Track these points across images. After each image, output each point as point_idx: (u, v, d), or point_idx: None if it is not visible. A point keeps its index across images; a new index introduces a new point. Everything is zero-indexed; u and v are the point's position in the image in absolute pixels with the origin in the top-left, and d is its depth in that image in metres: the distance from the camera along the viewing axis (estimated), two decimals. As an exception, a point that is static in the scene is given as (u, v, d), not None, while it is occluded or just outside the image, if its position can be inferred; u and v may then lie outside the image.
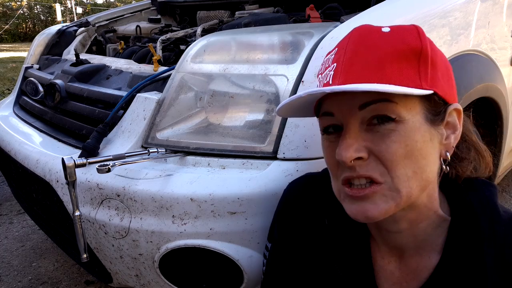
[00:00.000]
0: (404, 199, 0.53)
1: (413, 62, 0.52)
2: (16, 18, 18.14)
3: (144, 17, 2.20)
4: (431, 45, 0.54)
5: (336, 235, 0.67)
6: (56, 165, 1.02)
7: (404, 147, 0.51)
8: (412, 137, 0.52)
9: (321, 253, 0.68)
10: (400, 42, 0.52)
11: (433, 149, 0.54)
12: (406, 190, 0.52)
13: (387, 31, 0.54)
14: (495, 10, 1.28)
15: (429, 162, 0.54)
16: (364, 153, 0.52)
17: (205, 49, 1.02)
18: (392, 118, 0.51)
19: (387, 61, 0.51)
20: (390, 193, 0.52)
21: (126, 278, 1.01)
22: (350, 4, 1.50)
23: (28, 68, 1.67)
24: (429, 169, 0.54)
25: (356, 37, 0.55)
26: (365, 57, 0.53)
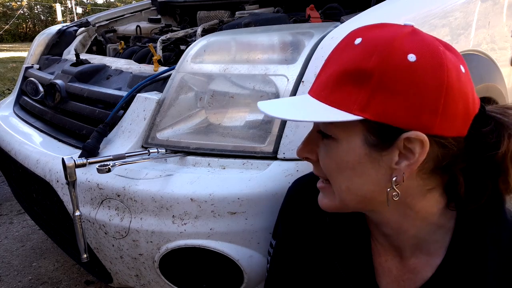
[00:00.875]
0: (341, 204, 0.58)
1: (357, 83, 0.50)
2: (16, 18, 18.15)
3: (144, 17, 2.20)
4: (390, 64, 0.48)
5: (337, 232, 0.68)
6: (56, 165, 1.02)
7: (335, 164, 0.55)
8: (343, 157, 0.54)
9: (322, 250, 0.69)
10: (353, 60, 0.50)
11: (375, 171, 0.53)
12: (341, 197, 0.57)
13: (357, 43, 0.52)
14: (495, 10, 1.28)
15: (367, 182, 0.54)
16: (312, 156, 0.59)
17: (205, 49, 1.02)
18: (328, 136, 0.55)
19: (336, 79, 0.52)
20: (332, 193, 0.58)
21: (126, 278, 1.01)
22: (350, 4, 1.50)
23: (28, 68, 1.67)
24: (367, 189, 0.54)
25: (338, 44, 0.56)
26: (328, 69, 0.54)
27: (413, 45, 0.49)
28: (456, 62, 0.51)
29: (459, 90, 0.51)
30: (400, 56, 0.48)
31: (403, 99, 0.48)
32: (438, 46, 0.50)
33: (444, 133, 0.50)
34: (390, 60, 0.48)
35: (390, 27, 0.53)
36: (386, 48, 0.49)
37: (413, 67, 0.48)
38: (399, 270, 0.63)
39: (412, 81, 0.48)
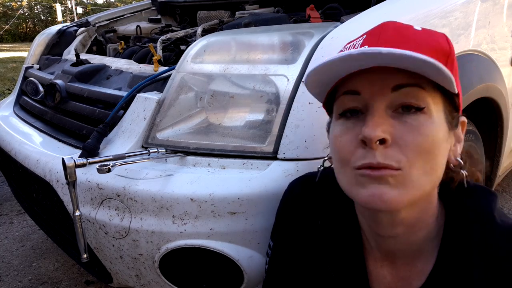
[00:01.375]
0: (417, 192, 0.50)
1: (442, 61, 0.51)
2: (17, 18, 18.15)
3: (144, 17, 2.20)
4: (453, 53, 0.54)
5: (329, 236, 0.67)
6: (56, 165, 1.02)
7: (430, 142, 0.49)
8: (436, 133, 0.50)
9: (315, 254, 0.69)
10: (433, 40, 0.53)
11: (446, 151, 0.54)
12: (420, 183, 0.50)
13: (419, 29, 0.54)
14: (496, 11, 1.28)
15: (443, 162, 0.53)
16: (389, 136, 0.49)
17: (205, 49, 1.02)
18: (420, 108, 0.49)
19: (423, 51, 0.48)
20: (405, 182, 0.49)
21: (126, 278, 1.01)
22: (350, 4, 1.50)
23: (29, 68, 1.67)
24: (441, 170, 0.53)
25: (390, 28, 0.53)
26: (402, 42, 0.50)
27: None
28: None
29: None
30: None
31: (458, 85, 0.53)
32: None
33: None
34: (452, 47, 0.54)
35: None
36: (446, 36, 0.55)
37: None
38: (393, 276, 0.62)
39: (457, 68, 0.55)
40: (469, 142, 1.21)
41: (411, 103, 0.50)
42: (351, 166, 0.52)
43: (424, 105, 0.50)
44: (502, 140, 1.37)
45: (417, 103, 0.49)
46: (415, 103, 0.49)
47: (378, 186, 0.49)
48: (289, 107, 0.87)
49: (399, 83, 0.50)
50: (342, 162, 0.54)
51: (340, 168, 0.55)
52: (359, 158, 0.51)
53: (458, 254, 0.55)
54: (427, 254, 0.58)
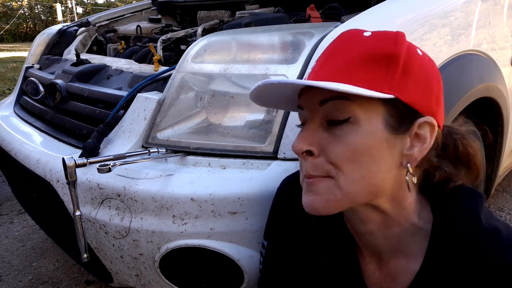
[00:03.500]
0: (347, 199, 0.54)
1: (382, 66, 0.52)
2: (17, 18, 18.16)
3: (144, 17, 2.20)
4: (409, 52, 0.53)
5: (323, 232, 0.68)
6: (56, 165, 1.03)
7: (352, 150, 0.52)
8: (363, 141, 0.52)
9: (310, 250, 0.69)
10: (374, 46, 0.53)
11: (389, 157, 0.53)
12: (349, 191, 0.53)
13: (367, 35, 0.55)
14: (496, 10, 1.28)
15: (381, 169, 0.53)
16: (315, 148, 0.54)
17: (205, 49, 1.02)
18: (344, 119, 0.52)
19: (357, 63, 0.52)
20: (334, 189, 0.53)
21: (127, 278, 1.01)
22: (350, 4, 1.50)
23: (29, 68, 1.67)
24: (381, 176, 0.53)
25: (338, 39, 0.57)
26: (338, 58, 0.54)
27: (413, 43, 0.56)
28: None
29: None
30: (414, 48, 0.55)
31: (421, 84, 0.53)
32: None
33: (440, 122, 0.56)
34: (410, 49, 0.54)
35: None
36: (403, 39, 0.54)
37: (423, 59, 0.55)
38: (380, 273, 0.63)
39: (425, 70, 0.54)
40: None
41: (334, 117, 0.53)
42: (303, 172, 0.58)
43: (349, 115, 0.52)
44: (502, 139, 1.37)
45: (340, 115, 0.52)
46: (338, 115, 0.52)
47: (310, 194, 0.55)
48: (289, 107, 0.87)
49: (324, 97, 0.53)
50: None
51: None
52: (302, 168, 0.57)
53: (445, 255, 0.56)
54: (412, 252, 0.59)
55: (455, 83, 1.05)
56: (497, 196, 2.16)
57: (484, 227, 0.55)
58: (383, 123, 0.52)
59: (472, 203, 0.58)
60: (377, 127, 0.52)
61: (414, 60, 0.53)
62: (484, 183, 1.43)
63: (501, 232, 0.55)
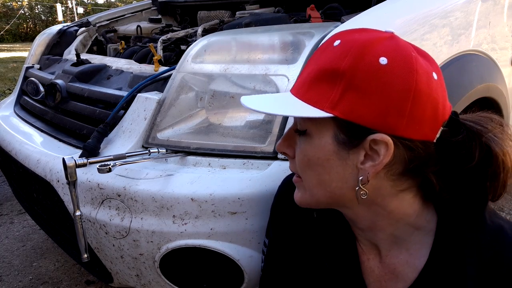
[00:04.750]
0: (312, 199, 0.60)
1: (329, 83, 0.52)
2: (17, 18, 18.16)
3: (144, 17, 2.20)
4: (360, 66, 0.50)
5: (325, 229, 0.69)
6: (56, 165, 1.03)
7: (307, 159, 0.57)
8: (314, 152, 0.56)
9: (311, 248, 0.70)
10: (329, 61, 0.53)
11: (341, 169, 0.55)
12: (312, 192, 0.59)
13: (336, 44, 0.54)
14: (496, 10, 1.28)
15: (335, 179, 0.56)
16: (291, 152, 0.61)
17: (205, 49, 1.02)
18: (302, 131, 0.56)
19: (312, 79, 0.54)
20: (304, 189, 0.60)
21: (127, 278, 1.01)
22: (350, 4, 1.50)
23: (29, 68, 1.67)
24: (335, 185, 0.56)
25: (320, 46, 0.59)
26: (307, 68, 0.57)
27: (387, 49, 0.51)
28: (429, 68, 0.53)
29: (428, 95, 0.51)
30: (372, 58, 0.50)
31: (371, 99, 0.50)
32: (411, 51, 0.52)
33: (410, 136, 0.52)
34: (362, 61, 0.50)
35: (370, 32, 0.55)
36: (360, 50, 0.51)
37: (383, 70, 0.50)
38: (380, 270, 0.63)
39: (381, 83, 0.50)
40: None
41: (297, 126, 0.58)
42: None
43: (305, 128, 0.56)
44: (502, 140, 1.36)
45: (300, 126, 0.57)
46: (299, 126, 0.57)
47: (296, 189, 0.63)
48: (290, 107, 0.87)
49: None
50: None
51: None
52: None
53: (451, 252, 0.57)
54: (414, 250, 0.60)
55: (455, 83, 1.05)
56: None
57: (489, 225, 0.56)
58: (332, 137, 0.54)
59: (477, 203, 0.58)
60: (326, 141, 0.54)
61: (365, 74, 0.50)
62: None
63: (506, 231, 0.56)
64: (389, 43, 0.52)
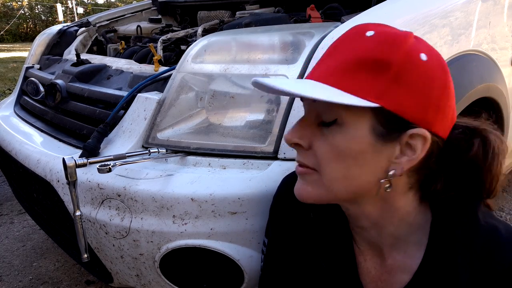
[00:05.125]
0: (330, 194, 0.56)
1: (373, 72, 0.50)
2: (17, 18, 18.16)
3: (144, 17, 2.20)
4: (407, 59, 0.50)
5: (321, 228, 0.69)
6: (56, 165, 1.03)
7: (336, 151, 0.53)
8: (347, 144, 0.52)
9: (309, 247, 0.70)
10: (369, 50, 0.51)
11: (374, 162, 0.53)
12: (332, 188, 0.55)
13: (370, 35, 0.53)
14: (496, 10, 1.28)
15: (365, 172, 0.54)
16: (305, 143, 0.56)
17: (205, 49, 1.02)
18: (332, 121, 0.53)
19: (348, 67, 0.51)
20: (319, 183, 0.56)
21: (127, 278, 1.01)
22: (350, 4, 1.50)
23: (29, 68, 1.67)
24: (364, 179, 0.54)
25: (342, 36, 0.56)
26: (334, 58, 0.54)
27: (422, 46, 0.53)
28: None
29: (453, 92, 0.55)
30: (415, 53, 0.51)
31: (416, 93, 0.51)
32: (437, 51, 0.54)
33: (439, 132, 0.53)
34: (408, 55, 0.51)
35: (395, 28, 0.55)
36: (404, 44, 0.51)
37: (425, 65, 0.51)
38: (377, 270, 0.63)
39: (424, 77, 0.51)
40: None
41: (323, 115, 0.54)
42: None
43: (335, 117, 0.52)
44: (502, 140, 1.36)
45: (328, 116, 0.53)
46: (326, 116, 0.53)
47: (300, 182, 0.59)
48: (290, 107, 0.87)
49: None
50: None
51: None
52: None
53: (444, 253, 0.56)
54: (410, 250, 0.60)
55: (455, 83, 1.04)
56: (497, 196, 2.16)
57: (483, 225, 0.56)
58: (369, 129, 0.52)
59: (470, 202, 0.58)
60: (363, 132, 0.52)
61: (411, 68, 0.50)
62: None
63: (500, 231, 0.55)
64: (421, 41, 0.54)
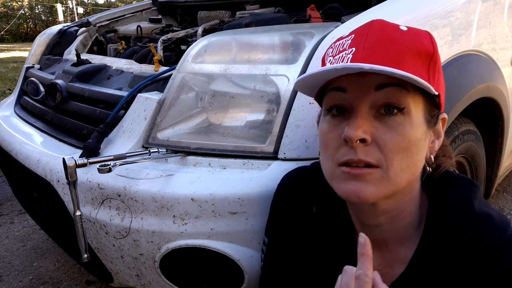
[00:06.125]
0: (392, 188, 0.55)
1: (425, 63, 0.54)
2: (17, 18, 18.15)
3: (145, 17, 2.20)
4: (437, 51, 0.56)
5: (323, 223, 0.69)
6: (57, 165, 1.03)
7: (406, 141, 0.53)
8: (414, 133, 0.54)
9: (310, 242, 0.70)
10: (417, 42, 0.54)
11: (424, 148, 0.57)
12: (396, 180, 0.54)
13: (404, 29, 0.56)
14: (496, 10, 1.28)
15: (420, 159, 0.56)
16: (369, 136, 0.53)
17: (206, 49, 1.02)
18: (400, 109, 0.53)
19: (406, 55, 0.53)
20: (382, 179, 0.54)
21: (127, 278, 1.01)
22: (351, 5, 1.50)
23: (29, 68, 1.67)
24: (419, 165, 0.57)
25: (377, 28, 0.55)
26: (387, 47, 0.53)
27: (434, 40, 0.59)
28: None
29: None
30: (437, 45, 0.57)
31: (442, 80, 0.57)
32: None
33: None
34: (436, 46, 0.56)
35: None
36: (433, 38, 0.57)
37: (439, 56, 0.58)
38: (379, 264, 0.64)
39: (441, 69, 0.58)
40: (469, 142, 1.21)
41: (392, 103, 0.53)
42: (335, 161, 0.56)
43: (404, 106, 0.53)
44: (502, 140, 1.37)
45: (397, 103, 0.53)
46: (396, 103, 0.53)
47: (356, 183, 0.54)
48: (290, 107, 0.87)
49: (382, 82, 0.53)
50: (328, 157, 0.58)
51: (326, 161, 0.59)
52: (342, 155, 0.55)
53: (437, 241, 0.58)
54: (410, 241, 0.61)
55: (456, 83, 1.05)
56: (497, 196, 2.16)
57: (477, 212, 0.57)
58: (423, 116, 0.55)
59: (466, 190, 0.60)
60: (421, 120, 0.55)
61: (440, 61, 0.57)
62: (485, 184, 1.43)
63: (494, 218, 0.57)
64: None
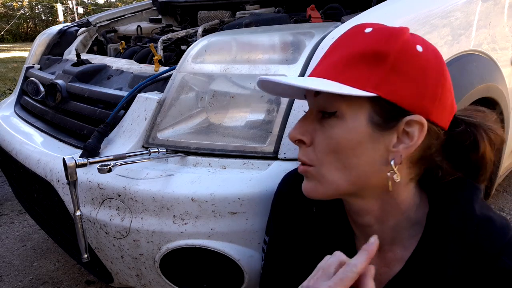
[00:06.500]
0: (332, 186, 0.57)
1: (370, 64, 0.53)
2: (17, 18, 18.15)
3: (145, 17, 2.20)
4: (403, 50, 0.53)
5: (323, 224, 0.69)
6: (57, 165, 1.03)
7: (335, 143, 0.55)
8: (345, 135, 0.54)
9: (310, 243, 0.71)
10: (367, 44, 0.54)
11: (372, 152, 0.55)
12: (333, 179, 0.57)
13: (368, 31, 0.56)
14: (496, 10, 1.28)
15: (363, 163, 0.55)
16: (307, 138, 0.58)
17: (206, 49, 1.02)
18: (331, 113, 0.55)
19: (348, 61, 0.54)
20: (318, 177, 0.58)
21: (127, 278, 1.01)
22: (351, 5, 1.50)
23: (29, 68, 1.67)
24: (362, 169, 0.56)
25: (342, 35, 0.59)
26: (334, 55, 0.57)
27: (418, 39, 0.56)
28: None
29: (450, 83, 0.57)
30: (412, 44, 0.54)
31: (411, 82, 0.53)
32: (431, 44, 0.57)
33: (437, 120, 0.55)
34: (405, 45, 0.54)
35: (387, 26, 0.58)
36: (400, 36, 0.54)
37: (421, 56, 0.54)
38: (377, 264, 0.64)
39: (420, 67, 0.53)
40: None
41: (323, 107, 0.56)
42: None
43: (335, 109, 0.55)
44: (503, 140, 1.36)
45: (327, 107, 0.55)
46: (326, 107, 0.56)
47: (304, 181, 0.61)
48: (290, 107, 0.87)
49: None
50: None
51: None
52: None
53: (436, 242, 0.58)
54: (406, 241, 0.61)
55: (456, 83, 1.04)
56: (497, 196, 2.16)
57: (477, 215, 0.57)
58: (367, 119, 0.54)
59: (467, 193, 0.59)
60: (361, 122, 0.54)
61: (406, 58, 0.53)
62: (485, 184, 1.43)
63: (494, 221, 0.57)
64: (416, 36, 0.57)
